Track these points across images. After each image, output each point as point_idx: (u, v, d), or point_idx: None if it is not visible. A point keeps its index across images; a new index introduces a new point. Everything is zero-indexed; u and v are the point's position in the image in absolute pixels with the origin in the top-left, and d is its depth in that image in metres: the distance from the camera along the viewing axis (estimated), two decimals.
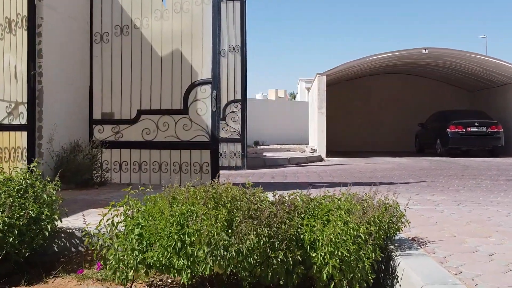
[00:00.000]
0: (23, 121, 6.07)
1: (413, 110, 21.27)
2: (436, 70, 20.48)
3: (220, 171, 7.41)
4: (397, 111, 21.94)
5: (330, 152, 16.45)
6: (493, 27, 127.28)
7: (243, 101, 10.66)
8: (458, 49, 17.00)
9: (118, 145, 7.06)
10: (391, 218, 2.98)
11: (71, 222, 3.74)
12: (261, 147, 22.08)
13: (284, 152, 17.43)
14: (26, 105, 6.06)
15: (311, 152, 16.37)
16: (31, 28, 6.07)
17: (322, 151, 16.05)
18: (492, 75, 18.18)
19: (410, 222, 3.20)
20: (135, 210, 2.80)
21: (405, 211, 3.13)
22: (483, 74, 18.55)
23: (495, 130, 16.37)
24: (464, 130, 16.36)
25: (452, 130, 16.44)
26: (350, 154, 18.43)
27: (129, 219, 2.77)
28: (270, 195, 2.99)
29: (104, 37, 7.16)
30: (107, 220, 2.82)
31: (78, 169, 6.39)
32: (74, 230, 3.55)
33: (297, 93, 43.77)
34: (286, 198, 2.94)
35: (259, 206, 2.67)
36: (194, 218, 2.54)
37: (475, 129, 16.39)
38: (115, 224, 2.81)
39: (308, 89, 26.80)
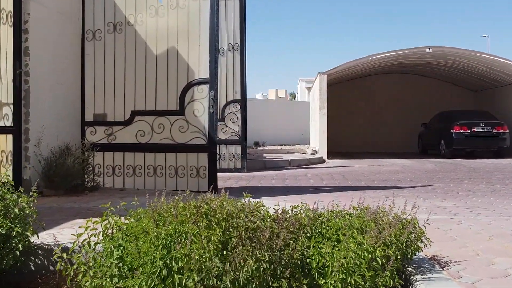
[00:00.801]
0: (8, 123, 5.73)
1: (416, 110, 20.93)
2: (440, 69, 20.12)
3: (219, 174, 7.13)
4: (399, 111, 21.58)
5: (331, 153, 16.07)
6: (495, 26, 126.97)
7: (243, 101, 10.31)
8: (463, 48, 16.64)
9: (111, 147, 6.72)
10: (409, 236, 2.62)
11: (51, 236, 3.37)
12: (261, 147, 21.70)
13: (284, 153, 17.05)
14: (11, 106, 5.73)
15: (312, 154, 15.99)
16: (17, 24, 5.74)
17: (323, 153, 15.66)
18: (498, 74, 17.81)
19: (432, 242, 2.82)
20: (115, 228, 2.44)
21: (425, 227, 2.76)
22: (487, 73, 18.18)
23: (501, 131, 15.99)
24: (468, 131, 15.97)
25: (457, 131, 16.06)
26: (351, 155, 18.05)
27: (108, 239, 2.40)
28: (271, 210, 2.61)
29: (96, 35, 6.81)
30: (83, 241, 2.45)
31: (67, 174, 6.05)
32: (53, 246, 3.17)
33: (297, 93, 43.45)
34: (290, 213, 2.57)
35: (259, 225, 2.30)
36: (183, 240, 2.17)
37: (480, 130, 16.01)
38: (92, 245, 2.44)
39: (309, 89, 26.43)
